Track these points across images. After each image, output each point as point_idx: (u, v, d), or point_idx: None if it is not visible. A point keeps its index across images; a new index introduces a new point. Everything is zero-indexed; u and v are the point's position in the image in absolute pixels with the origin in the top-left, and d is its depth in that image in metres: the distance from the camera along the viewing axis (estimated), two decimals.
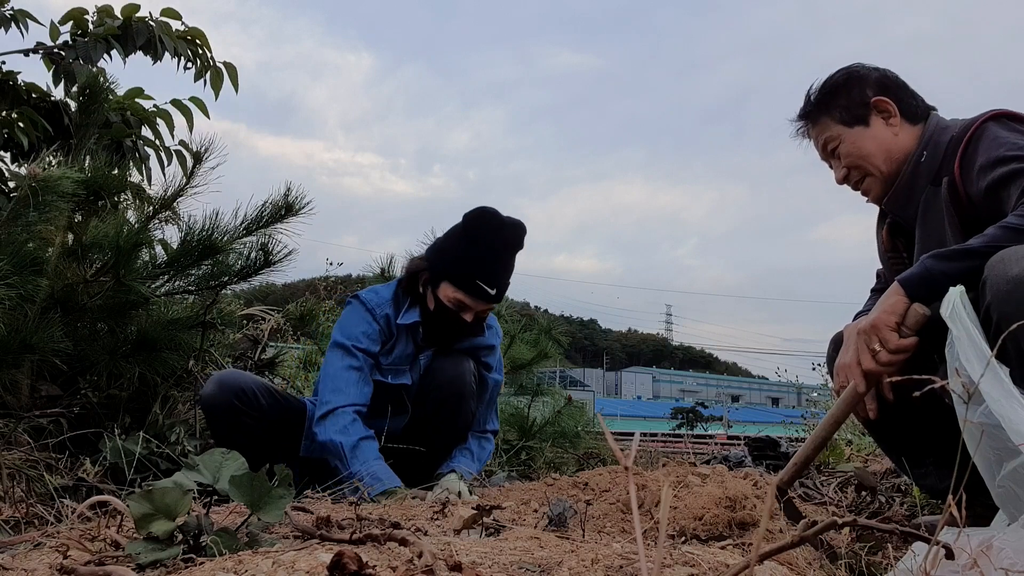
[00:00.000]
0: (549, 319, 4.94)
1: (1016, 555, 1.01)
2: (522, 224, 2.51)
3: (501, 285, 2.45)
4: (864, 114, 1.89)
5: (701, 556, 1.20)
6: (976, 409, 1.23)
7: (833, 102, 1.92)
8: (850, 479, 2.54)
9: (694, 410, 23.07)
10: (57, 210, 2.20)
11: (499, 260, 2.45)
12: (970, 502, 1.06)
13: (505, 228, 2.45)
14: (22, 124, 3.12)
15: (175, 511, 1.16)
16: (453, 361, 2.51)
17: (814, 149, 2.02)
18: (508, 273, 2.48)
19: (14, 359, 2.17)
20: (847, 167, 1.92)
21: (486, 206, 2.49)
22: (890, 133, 1.88)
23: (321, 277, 7.99)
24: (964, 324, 1.28)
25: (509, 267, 2.49)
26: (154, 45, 3.43)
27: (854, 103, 1.90)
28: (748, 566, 0.73)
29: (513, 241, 2.47)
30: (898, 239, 1.98)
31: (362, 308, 2.49)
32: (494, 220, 2.45)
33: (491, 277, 2.41)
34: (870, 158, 1.88)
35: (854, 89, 1.91)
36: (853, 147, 1.89)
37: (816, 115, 1.95)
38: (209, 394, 2.36)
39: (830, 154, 1.96)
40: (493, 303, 2.47)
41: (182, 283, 2.77)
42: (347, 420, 2.29)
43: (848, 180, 1.95)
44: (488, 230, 2.43)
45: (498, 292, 2.45)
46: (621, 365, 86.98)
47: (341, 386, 2.35)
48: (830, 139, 1.93)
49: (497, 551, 1.18)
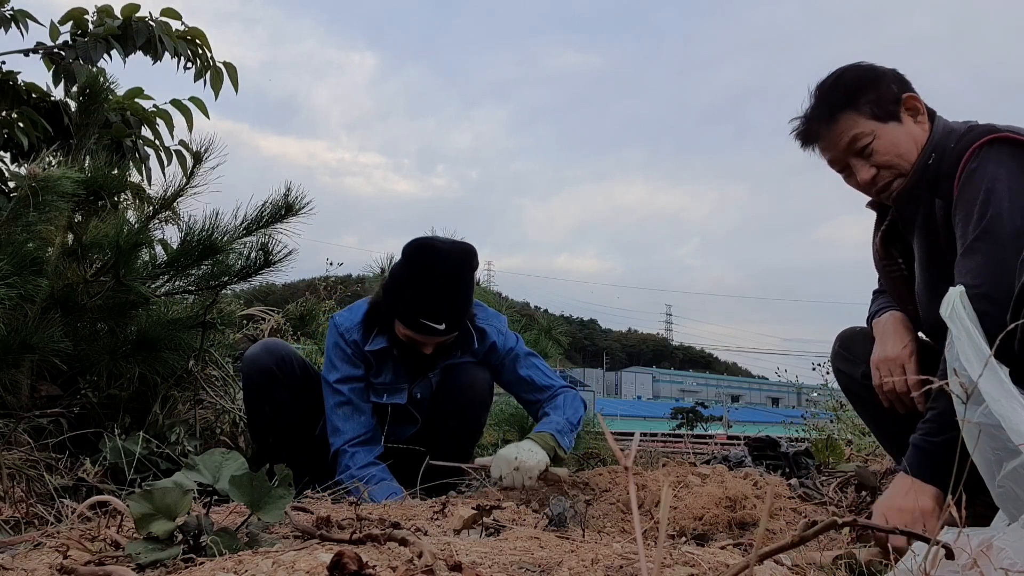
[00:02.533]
0: (549, 319, 4.94)
1: (1016, 555, 1.01)
2: (464, 250, 2.38)
3: (450, 317, 2.32)
4: (895, 110, 1.79)
5: (701, 556, 1.20)
6: (976, 409, 1.23)
7: (860, 97, 1.79)
8: (850, 479, 2.54)
9: (694, 410, 23.04)
10: (57, 210, 2.20)
11: (441, 293, 2.31)
12: (970, 502, 1.06)
13: (442, 260, 2.32)
14: (22, 124, 3.12)
15: (175, 511, 1.16)
16: (465, 371, 2.49)
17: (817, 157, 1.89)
18: (457, 303, 2.35)
19: (14, 359, 2.17)
20: (879, 166, 1.80)
21: (423, 237, 2.38)
22: (920, 131, 1.80)
23: (321, 277, 7.97)
24: (963, 324, 1.28)
25: (456, 296, 2.35)
26: (154, 45, 3.43)
27: (885, 99, 1.79)
28: (748, 566, 0.73)
29: (454, 271, 2.33)
30: (892, 247, 1.95)
31: (335, 332, 2.49)
32: (430, 252, 2.34)
33: (435, 312, 2.30)
34: (907, 156, 1.78)
35: (880, 84, 1.81)
36: (890, 144, 1.78)
37: (837, 111, 1.81)
38: (254, 355, 2.48)
39: (857, 152, 1.81)
40: (446, 336, 2.36)
41: (182, 283, 2.77)
42: (347, 458, 2.35)
43: (877, 180, 1.81)
44: (425, 264, 2.33)
45: (449, 325, 2.33)
46: (621, 365, 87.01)
47: (337, 425, 2.40)
48: (860, 135, 1.78)
49: (497, 551, 1.18)
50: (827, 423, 5.90)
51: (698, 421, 17.54)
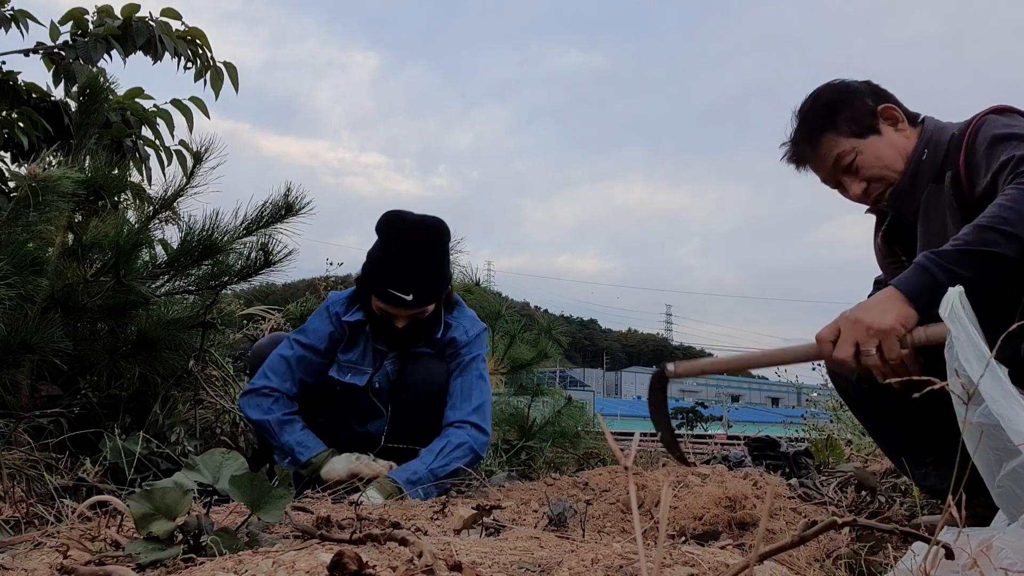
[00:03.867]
0: (549, 319, 4.94)
1: (1016, 555, 1.01)
2: (434, 222, 2.40)
3: (419, 289, 2.33)
4: (873, 123, 1.84)
5: (701, 556, 1.20)
6: (976, 409, 1.23)
7: (837, 116, 1.85)
8: (850, 479, 2.54)
9: (694, 410, 23.03)
10: (57, 210, 2.20)
11: (409, 263, 2.32)
12: (970, 502, 1.06)
13: (410, 230, 2.35)
14: (22, 124, 3.12)
15: (175, 511, 1.16)
16: (424, 365, 2.48)
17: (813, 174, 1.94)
18: (427, 275, 2.35)
19: (14, 359, 2.17)
20: (867, 180, 1.84)
21: (394, 210, 2.42)
22: (902, 138, 1.84)
23: (321, 277, 7.97)
24: (963, 324, 1.28)
25: (426, 268, 2.35)
26: (154, 45, 3.43)
27: (860, 114, 1.84)
28: (748, 566, 0.73)
29: (421, 241, 2.35)
30: (895, 245, 1.96)
31: (323, 305, 2.57)
32: (398, 222, 2.37)
33: (403, 283, 2.31)
34: (894, 165, 1.82)
35: (854, 99, 1.86)
36: (874, 158, 1.83)
37: (818, 135, 1.87)
38: (262, 345, 2.61)
39: (843, 170, 1.86)
40: (414, 308, 2.36)
41: (182, 283, 2.77)
42: (269, 402, 2.40)
43: (868, 194, 1.86)
44: (394, 234, 2.36)
45: (417, 297, 2.32)
46: (621, 365, 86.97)
47: (267, 371, 2.45)
48: (843, 154, 1.84)
49: (497, 551, 1.18)
50: (827, 423, 5.90)
51: (698, 421, 17.53)
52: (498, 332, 4.10)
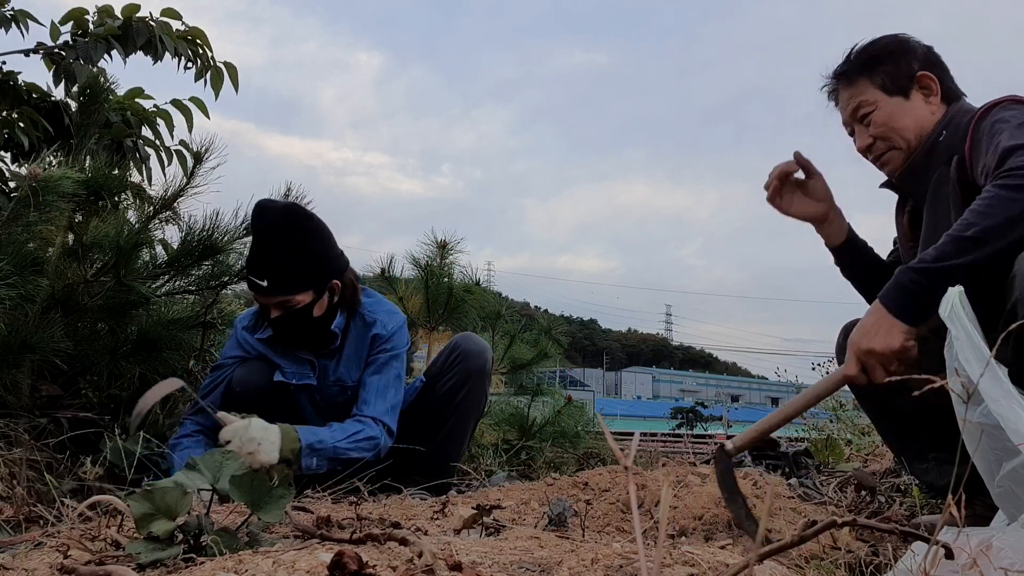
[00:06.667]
0: (549, 319, 4.94)
1: (1016, 555, 1.01)
2: (288, 207, 2.35)
3: (271, 274, 2.25)
4: (907, 86, 1.82)
5: (701, 556, 1.20)
6: (975, 409, 1.23)
7: (878, 66, 1.84)
8: (850, 479, 2.54)
9: (694, 410, 23.04)
10: (57, 210, 2.20)
11: (262, 248, 2.27)
12: (970, 501, 1.06)
13: (262, 214, 2.29)
14: (22, 124, 3.12)
15: (175, 511, 1.16)
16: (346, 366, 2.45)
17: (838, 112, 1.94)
18: (278, 259, 2.27)
19: (14, 359, 2.18)
20: (875, 136, 1.84)
21: (263, 198, 2.37)
22: (927, 111, 1.82)
23: None
24: (963, 324, 1.28)
25: (278, 252, 2.27)
26: (154, 45, 3.43)
27: (899, 72, 1.83)
28: (748, 566, 0.73)
29: (272, 225, 2.27)
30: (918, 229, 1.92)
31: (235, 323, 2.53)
32: (256, 210, 2.31)
33: (257, 268, 2.27)
34: (903, 132, 1.81)
35: (902, 58, 1.84)
36: (888, 117, 1.82)
37: (855, 75, 1.86)
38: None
39: (859, 119, 1.86)
40: (274, 296, 2.28)
41: (182, 283, 2.78)
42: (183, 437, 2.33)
43: (871, 150, 1.87)
44: (253, 222, 2.32)
45: (272, 284, 2.25)
46: (621, 365, 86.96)
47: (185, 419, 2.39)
48: (864, 103, 1.84)
49: (497, 551, 1.18)
50: (827, 423, 5.89)
51: (698, 421, 17.52)
52: (498, 332, 4.09)
